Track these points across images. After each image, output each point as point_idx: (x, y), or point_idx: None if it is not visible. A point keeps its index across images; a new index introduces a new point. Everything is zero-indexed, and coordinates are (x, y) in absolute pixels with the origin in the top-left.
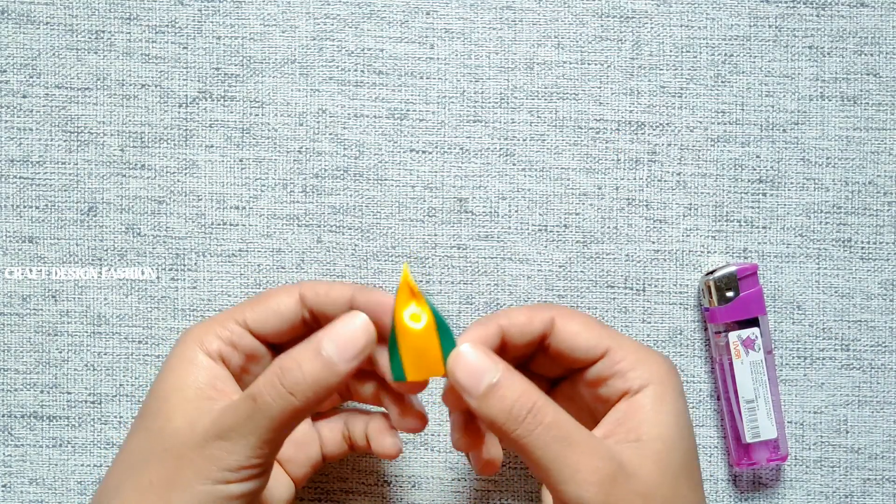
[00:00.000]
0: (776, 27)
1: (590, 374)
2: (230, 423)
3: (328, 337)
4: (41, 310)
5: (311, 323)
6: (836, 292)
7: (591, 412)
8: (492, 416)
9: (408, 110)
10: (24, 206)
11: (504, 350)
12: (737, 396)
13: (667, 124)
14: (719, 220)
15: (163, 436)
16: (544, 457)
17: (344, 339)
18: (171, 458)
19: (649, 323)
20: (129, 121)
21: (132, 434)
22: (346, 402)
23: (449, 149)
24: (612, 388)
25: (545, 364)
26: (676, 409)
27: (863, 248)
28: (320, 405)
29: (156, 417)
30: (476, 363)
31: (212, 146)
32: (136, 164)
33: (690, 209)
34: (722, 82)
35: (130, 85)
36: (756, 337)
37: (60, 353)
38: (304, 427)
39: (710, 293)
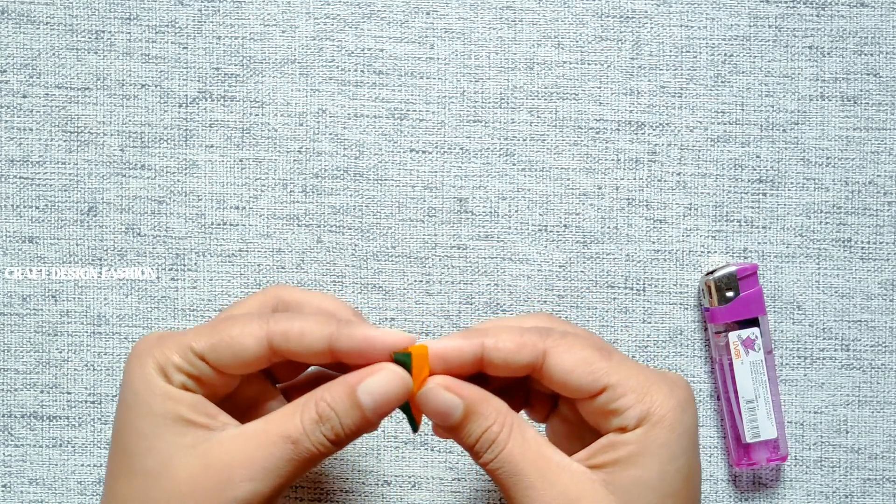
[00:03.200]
0: (776, 27)
1: (585, 407)
2: (261, 462)
3: (367, 389)
4: (41, 310)
5: (279, 359)
6: (836, 292)
7: (587, 429)
8: (464, 446)
9: (408, 110)
10: (24, 206)
11: (487, 371)
12: (737, 396)
13: (667, 124)
14: (719, 220)
15: (168, 477)
16: (502, 485)
17: (382, 396)
18: (185, 501)
19: (649, 323)
20: (129, 121)
21: (120, 478)
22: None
23: (449, 149)
24: (609, 425)
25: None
26: (666, 453)
27: (863, 248)
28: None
29: (148, 457)
30: (441, 401)
31: (212, 146)
32: (136, 164)
33: (690, 209)
34: (722, 82)
35: (130, 85)
36: (756, 337)
37: (60, 353)
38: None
39: (710, 293)
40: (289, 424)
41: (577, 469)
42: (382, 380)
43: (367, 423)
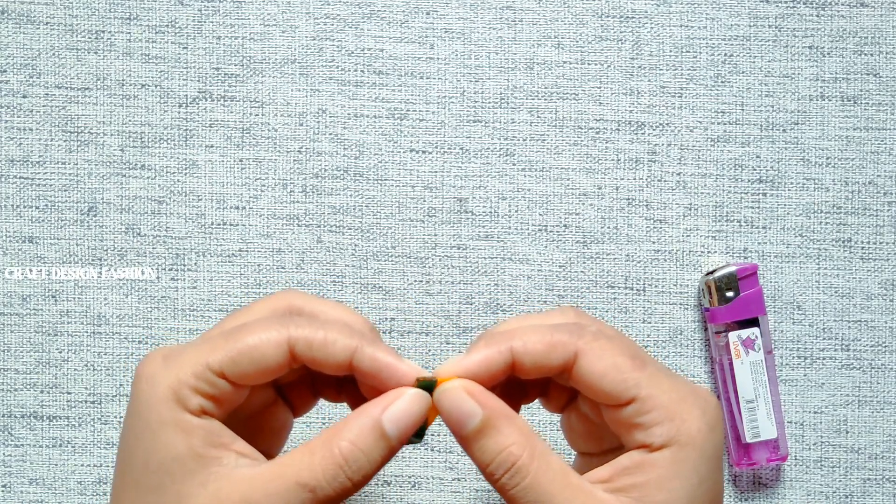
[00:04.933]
0: (776, 27)
1: (610, 414)
2: None
3: (391, 419)
4: (41, 310)
5: (297, 365)
6: (836, 292)
7: (608, 431)
8: (475, 460)
9: (408, 110)
10: (24, 206)
11: (515, 372)
12: (737, 396)
13: (667, 124)
14: (719, 220)
15: None
16: None
17: (407, 423)
18: None
19: (649, 323)
20: (129, 121)
21: None
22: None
23: (449, 149)
24: (632, 438)
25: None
26: (695, 477)
27: (863, 248)
28: None
29: (159, 494)
30: (459, 405)
31: (212, 146)
32: (136, 164)
33: (690, 209)
34: (722, 82)
35: (130, 85)
36: (756, 337)
37: (60, 353)
38: (280, 415)
39: (710, 293)
40: (305, 470)
41: (605, 498)
42: (406, 406)
43: (392, 453)
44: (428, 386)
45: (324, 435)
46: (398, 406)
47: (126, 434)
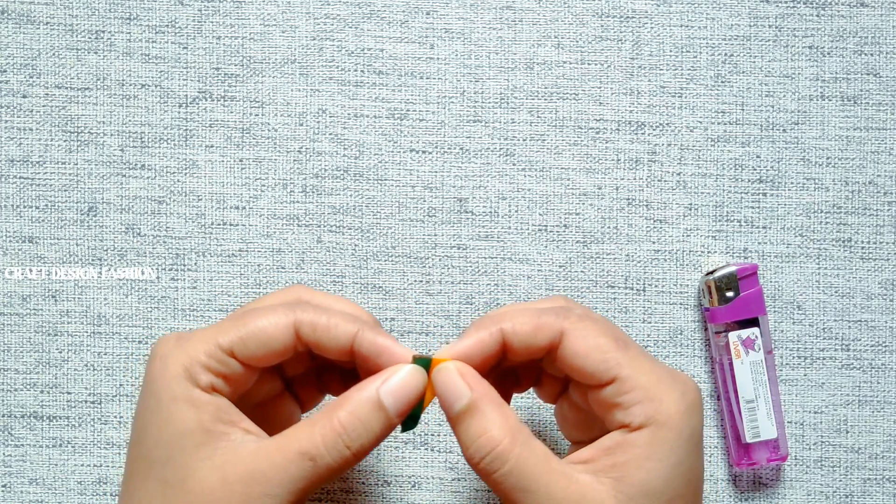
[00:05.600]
0: (776, 27)
1: (593, 395)
2: (278, 480)
3: (388, 391)
4: (41, 310)
5: (303, 348)
6: (836, 292)
7: (597, 418)
8: (459, 441)
9: (408, 110)
10: (24, 206)
11: (506, 355)
12: (737, 396)
13: (667, 124)
14: (719, 220)
15: (186, 489)
16: (506, 497)
17: (403, 396)
18: None
19: (649, 323)
20: (129, 121)
21: (139, 483)
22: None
23: (449, 149)
24: (613, 418)
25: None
26: (673, 457)
27: (863, 248)
28: None
29: (167, 467)
30: (450, 384)
31: (212, 146)
32: (136, 164)
33: (690, 209)
34: (722, 82)
35: (130, 85)
36: (756, 337)
37: (60, 353)
38: (287, 408)
39: (710, 293)
40: (306, 441)
41: (585, 480)
42: (401, 379)
43: (391, 426)
44: (424, 364)
45: (325, 409)
46: (394, 379)
47: (139, 412)
